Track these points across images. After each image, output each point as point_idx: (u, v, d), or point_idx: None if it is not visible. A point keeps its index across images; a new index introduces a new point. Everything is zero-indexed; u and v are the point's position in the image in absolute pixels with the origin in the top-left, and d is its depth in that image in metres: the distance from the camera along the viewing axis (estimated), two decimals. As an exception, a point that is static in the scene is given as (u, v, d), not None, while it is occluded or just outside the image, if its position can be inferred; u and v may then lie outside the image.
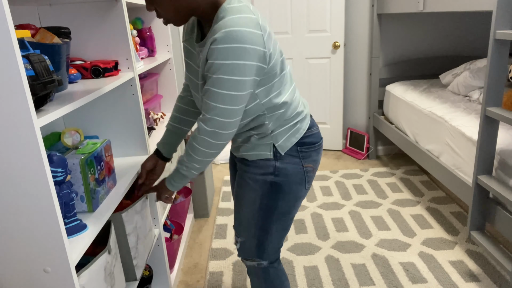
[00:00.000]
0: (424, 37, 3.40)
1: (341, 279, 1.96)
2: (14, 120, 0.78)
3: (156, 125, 2.01)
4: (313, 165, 1.28)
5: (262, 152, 1.22)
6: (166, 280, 1.76)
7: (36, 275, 0.90)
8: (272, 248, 1.33)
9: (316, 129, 1.29)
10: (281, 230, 1.31)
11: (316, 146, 1.27)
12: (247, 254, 1.35)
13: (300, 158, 1.23)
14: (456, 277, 1.91)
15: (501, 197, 1.62)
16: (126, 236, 1.29)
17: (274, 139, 1.20)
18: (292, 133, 1.22)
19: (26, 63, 0.82)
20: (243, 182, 1.27)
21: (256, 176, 1.23)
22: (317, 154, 1.29)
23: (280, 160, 1.21)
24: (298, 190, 1.26)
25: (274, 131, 1.20)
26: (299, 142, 1.23)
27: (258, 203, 1.25)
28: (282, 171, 1.22)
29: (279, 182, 1.22)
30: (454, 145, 2.13)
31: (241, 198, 1.29)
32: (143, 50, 1.89)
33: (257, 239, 1.30)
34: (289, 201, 1.26)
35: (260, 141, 1.21)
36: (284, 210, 1.27)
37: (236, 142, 1.28)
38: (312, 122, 1.30)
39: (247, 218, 1.29)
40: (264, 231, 1.29)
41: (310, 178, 1.28)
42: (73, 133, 1.17)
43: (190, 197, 2.36)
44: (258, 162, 1.23)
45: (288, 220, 1.30)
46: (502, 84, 1.67)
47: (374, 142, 3.51)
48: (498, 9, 1.57)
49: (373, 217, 2.52)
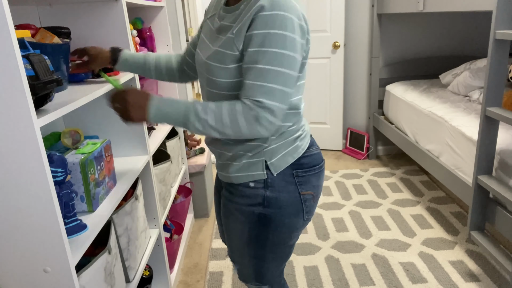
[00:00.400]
0: (424, 37, 3.39)
1: (341, 279, 1.96)
2: (14, 120, 0.78)
3: (156, 125, 2.01)
4: (314, 192, 1.09)
5: (253, 173, 1.03)
6: (166, 280, 1.76)
7: (36, 275, 0.90)
8: (271, 274, 1.19)
9: (317, 149, 1.11)
10: (279, 259, 1.16)
11: (316, 169, 1.09)
12: (246, 279, 1.23)
13: (296, 184, 1.05)
14: (456, 277, 1.91)
15: (501, 197, 1.62)
16: (117, 237, 1.29)
17: (268, 156, 1.02)
18: (289, 151, 1.04)
19: (26, 63, 0.82)
20: (228, 212, 1.12)
21: (242, 207, 1.07)
22: (317, 179, 1.10)
23: (270, 188, 1.03)
24: (294, 222, 1.08)
25: (270, 145, 1.02)
26: (295, 163, 1.04)
27: (247, 235, 1.10)
28: (272, 201, 1.03)
29: (269, 214, 1.05)
30: (454, 145, 2.13)
31: (229, 229, 1.15)
32: (143, 50, 1.89)
33: (253, 267, 1.17)
34: (283, 233, 1.09)
35: (251, 159, 1.03)
36: (278, 242, 1.11)
37: (223, 157, 1.09)
38: (312, 141, 1.12)
39: (239, 248, 1.15)
40: (259, 259, 1.14)
41: (310, 207, 1.10)
42: (73, 133, 1.17)
43: (190, 197, 2.36)
44: (244, 190, 1.05)
45: (286, 249, 1.14)
46: (502, 84, 1.67)
47: (374, 142, 3.51)
48: (498, 9, 1.57)
49: (373, 217, 2.52)
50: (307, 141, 1.09)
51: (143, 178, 1.58)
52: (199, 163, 2.50)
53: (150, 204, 1.61)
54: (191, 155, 2.57)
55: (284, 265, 1.21)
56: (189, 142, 2.61)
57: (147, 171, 1.57)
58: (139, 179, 1.52)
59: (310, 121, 3.68)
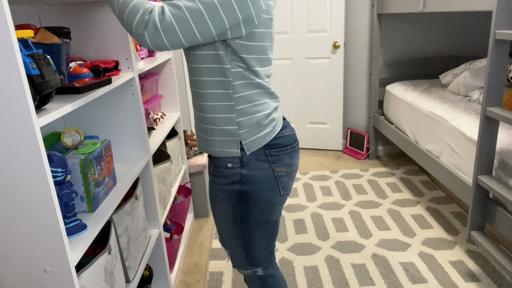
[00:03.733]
0: (424, 37, 3.40)
1: (341, 279, 1.96)
2: (14, 120, 0.78)
3: (156, 125, 2.01)
4: (288, 169, 1.18)
5: (228, 150, 1.13)
6: (166, 280, 1.76)
7: (36, 275, 0.90)
8: (262, 255, 1.25)
9: (290, 131, 1.20)
10: (266, 237, 1.23)
11: (289, 149, 1.17)
12: (239, 264, 1.29)
13: (269, 162, 1.14)
14: (456, 277, 1.91)
15: (501, 197, 1.62)
16: (117, 237, 1.29)
17: (242, 137, 1.11)
18: (261, 136, 1.13)
19: (31, 62, 0.82)
20: (213, 194, 1.21)
21: (224, 187, 1.16)
22: (290, 158, 1.18)
23: (246, 167, 1.13)
24: (271, 197, 1.17)
25: (243, 129, 1.11)
26: (267, 144, 1.13)
27: (231, 214, 1.18)
28: (249, 178, 1.13)
29: (247, 190, 1.14)
30: (454, 145, 2.13)
31: (215, 211, 1.23)
32: (143, 50, 1.89)
33: (242, 249, 1.23)
34: (263, 208, 1.17)
35: (228, 137, 1.12)
36: (260, 218, 1.18)
37: (199, 128, 1.18)
38: (286, 123, 1.21)
39: (226, 230, 1.23)
40: (246, 240, 1.21)
41: (286, 183, 1.19)
42: (73, 133, 1.17)
43: (190, 197, 2.36)
44: (224, 171, 1.15)
45: (270, 226, 1.22)
46: (502, 84, 1.67)
47: (374, 142, 3.51)
48: (498, 9, 1.57)
49: (373, 217, 2.52)
50: (279, 125, 1.17)
51: (143, 178, 1.58)
52: (199, 163, 2.50)
53: (150, 204, 1.61)
54: (191, 155, 2.57)
55: (273, 245, 1.27)
56: (189, 142, 2.61)
57: (147, 171, 1.57)
58: (139, 179, 1.52)
59: (310, 121, 3.68)
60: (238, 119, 1.10)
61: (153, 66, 2.17)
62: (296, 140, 1.21)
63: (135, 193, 1.41)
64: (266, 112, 1.12)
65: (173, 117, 2.19)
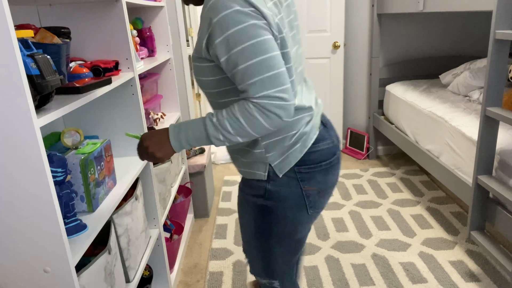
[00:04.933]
0: (424, 37, 3.39)
1: (341, 279, 1.96)
2: (14, 120, 0.78)
3: (156, 125, 2.01)
4: (318, 187, 1.06)
5: (255, 171, 1.05)
6: (166, 280, 1.76)
7: (36, 275, 0.90)
8: (280, 269, 1.17)
9: (326, 144, 1.07)
10: (287, 253, 1.14)
11: (323, 165, 1.05)
12: (256, 272, 1.23)
13: (298, 180, 1.03)
14: (456, 277, 1.91)
15: (501, 197, 1.62)
16: (117, 237, 1.29)
17: (271, 160, 1.03)
18: (291, 153, 1.03)
19: (31, 62, 0.82)
20: (240, 201, 1.16)
21: (248, 197, 1.10)
22: (325, 175, 1.06)
23: (272, 182, 1.04)
24: (297, 216, 1.07)
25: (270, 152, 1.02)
26: (298, 161, 1.03)
27: (253, 226, 1.12)
28: (273, 194, 1.04)
29: (270, 206, 1.06)
30: (454, 145, 2.13)
31: (240, 217, 1.18)
32: (143, 50, 1.89)
33: (261, 260, 1.17)
34: (287, 226, 1.09)
35: (255, 159, 1.04)
36: (284, 235, 1.10)
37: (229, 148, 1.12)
38: (322, 135, 1.07)
39: (248, 239, 1.17)
40: (266, 252, 1.14)
41: (315, 202, 1.08)
42: (73, 133, 1.17)
43: (190, 197, 2.36)
44: (250, 181, 1.08)
45: (292, 243, 1.13)
46: (502, 84, 1.67)
47: (374, 142, 3.51)
48: (498, 9, 1.57)
49: (373, 217, 2.52)
50: (312, 137, 1.04)
51: (143, 178, 1.58)
52: (199, 163, 2.50)
53: (150, 204, 1.61)
54: (191, 155, 2.57)
55: (294, 260, 1.19)
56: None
57: (147, 171, 1.57)
58: (139, 179, 1.52)
59: (310, 121, 3.68)
60: (263, 142, 1.03)
61: (153, 66, 2.17)
62: (334, 154, 1.08)
63: (135, 193, 1.41)
64: (292, 132, 1.02)
65: (173, 117, 2.20)
